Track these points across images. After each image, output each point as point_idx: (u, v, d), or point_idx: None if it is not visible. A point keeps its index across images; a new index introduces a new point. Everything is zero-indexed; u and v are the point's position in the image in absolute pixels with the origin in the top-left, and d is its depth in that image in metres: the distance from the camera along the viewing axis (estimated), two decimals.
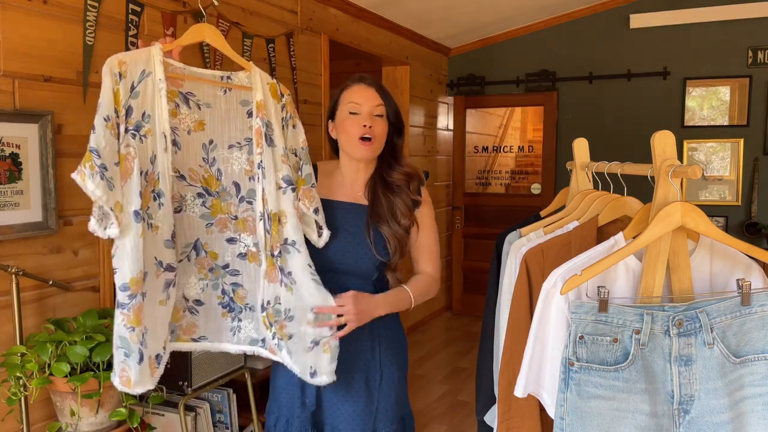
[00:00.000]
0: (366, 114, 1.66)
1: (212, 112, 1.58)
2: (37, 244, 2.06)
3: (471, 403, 3.64)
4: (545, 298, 1.26)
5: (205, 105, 1.58)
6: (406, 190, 1.71)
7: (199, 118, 1.57)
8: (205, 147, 1.59)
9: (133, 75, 1.45)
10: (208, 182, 1.60)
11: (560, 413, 1.21)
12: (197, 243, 1.60)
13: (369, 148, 1.66)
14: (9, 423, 1.91)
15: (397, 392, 1.75)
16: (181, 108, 1.54)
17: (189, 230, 1.59)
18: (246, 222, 1.62)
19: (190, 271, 1.60)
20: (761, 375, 1.20)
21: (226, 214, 1.62)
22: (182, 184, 1.57)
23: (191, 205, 1.59)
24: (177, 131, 1.54)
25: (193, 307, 1.61)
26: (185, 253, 1.59)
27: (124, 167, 1.42)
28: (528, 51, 5.24)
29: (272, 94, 1.62)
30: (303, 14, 3.52)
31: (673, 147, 1.26)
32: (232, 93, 1.60)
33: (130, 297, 1.41)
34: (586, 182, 1.83)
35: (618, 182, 1.59)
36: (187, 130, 1.56)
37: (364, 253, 1.66)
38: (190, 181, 1.58)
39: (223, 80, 1.60)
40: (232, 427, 2.54)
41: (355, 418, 1.68)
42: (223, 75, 1.60)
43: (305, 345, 1.56)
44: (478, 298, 5.51)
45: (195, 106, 1.56)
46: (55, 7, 2.12)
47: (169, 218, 1.50)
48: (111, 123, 1.41)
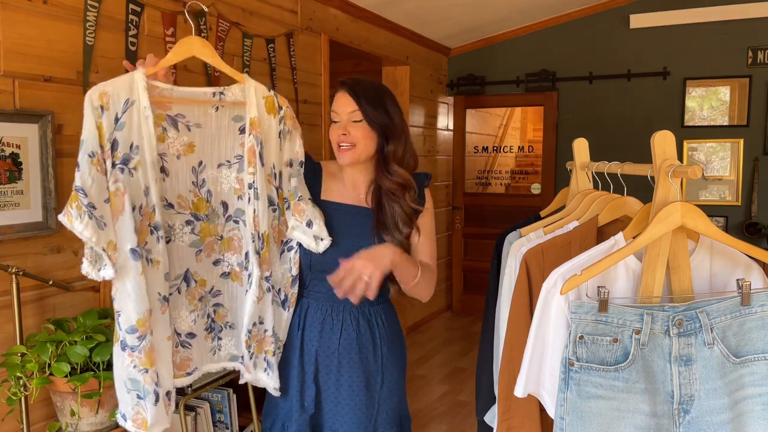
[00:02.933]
0: (344, 122, 1.63)
1: (202, 131, 1.51)
2: (37, 244, 2.06)
3: (471, 403, 3.64)
4: (545, 298, 1.26)
5: (194, 125, 1.50)
6: (403, 197, 1.67)
7: (188, 140, 1.50)
8: (195, 170, 1.52)
9: (116, 106, 1.37)
10: (197, 207, 1.54)
11: (560, 413, 1.21)
12: (187, 273, 1.54)
13: (346, 155, 1.63)
14: (9, 423, 1.91)
15: (397, 395, 1.74)
16: (169, 132, 1.46)
17: (178, 261, 1.52)
18: (231, 241, 1.58)
19: (181, 304, 1.53)
20: (761, 375, 1.20)
21: (213, 236, 1.56)
22: (170, 212, 1.50)
23: (180, 234, 1.52)
24: (165, 157, 1.47)
25: (185, 341, 1.56)
26: (175, 285, 1.52)
27: (114, 204, 1.35)
28: (528, 51, 5.24)
29: (268, 108, 1.55)
30: (303, 14, 3.52)
31: (673, 147, 1.26)
32: (224, 109, 1.53)
33: (139, 339, 1.36)
34: (586, 182, 1.83)
35: (618, 182, 1.59)
36: (176, 154, 1.49)
37: None
38: (178, 209, 1.51)
39: (215, 97, 1.52)
40: (232, 427, 2.54)
41: (355, 421, 1.67)
42: (215, 91, 1.52)
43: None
44: (478, 298, 5.51)
45: (184, 128, 1.49)
46: (55, 7, 2.11)
47: (165, 251, 1.45)
48: (96, 159, 1.34)
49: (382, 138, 1.65)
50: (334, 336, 1.66)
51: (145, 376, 1.39)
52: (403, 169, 1.67)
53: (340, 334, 1.66)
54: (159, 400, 1.42)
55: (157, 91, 1.44)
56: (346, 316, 1.67)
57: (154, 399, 1.40)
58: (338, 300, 1.65)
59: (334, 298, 1.66)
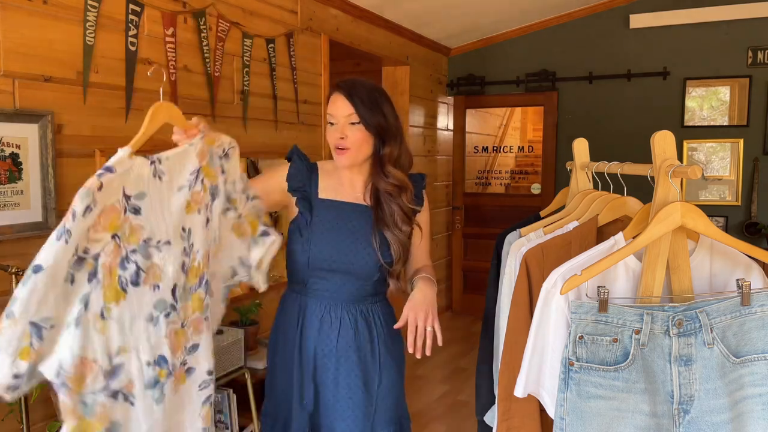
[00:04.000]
0: (340, 125, 1.63)
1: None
2: (37, 244, 2.04)
3: (471, 403, 3.64)
4: (545, 298, 1.26)
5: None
6: (400, 198, 1.68)
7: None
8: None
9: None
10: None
11: (560, 413, 1.21)
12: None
13: (343, 157, 1.64)
14: (9, 423, 1.91)
15: (395, 394, 1.74)
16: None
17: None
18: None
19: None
20: (761, 375, 1.20)
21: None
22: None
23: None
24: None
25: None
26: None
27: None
28: (528, 51, 5.24)
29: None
30: (303, 14, 3.52)
31: (673, 147, 1.26)
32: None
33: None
34: (586, 182, 1.84)
35: (618, 182, 1.59)
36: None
37: (366, 253, 1.65)
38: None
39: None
40: (232, 427, 2.54)
41: (353, 419, 1.67)
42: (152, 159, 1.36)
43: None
44: (478, 298, 5.51)
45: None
46: (55, 7, 2.12)
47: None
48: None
49: (378, 139, 1.66)
50: (332, 335, 1.66)
51: None
52: (399, 171, 1.68)
53: (338, 333, 1.66)
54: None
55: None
56: (345, 314, 1.67)
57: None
58: (337, 298, 1.66)
59: (332, 296, 1.66)
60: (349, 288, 1.67)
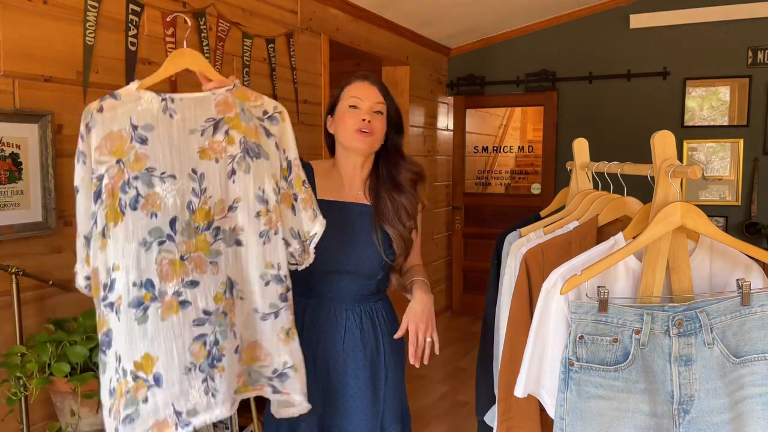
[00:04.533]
0: (366, 109, 1.66)
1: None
2: (37, 244, 2.06)
3: (471, 403, 3.64)
4: (545, 298, 1.26)
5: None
6: (412, 190, 1.72)
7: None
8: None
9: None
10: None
11: (560, 413, 1.21)
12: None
13: (366, 141, 1.66)
14: (9, 423, 1.91)
15: (400, 390, 1.76)
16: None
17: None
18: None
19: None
20: (761, 375, 1.20)
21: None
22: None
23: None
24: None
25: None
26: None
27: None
28: (528, 51, 5.24)
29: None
30: (303, 14, 3.52)
31: (673, 147, 1.26)
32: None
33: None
34: (586, 182, 1.83)
35: (618, 182, 1.59)
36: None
37: (371, 252, 1.66)
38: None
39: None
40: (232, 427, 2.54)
41: (362, 418, 1.67)
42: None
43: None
44: (478, 298, 5.51)
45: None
46: (55, 7, 2.12)
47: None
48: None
49: (392, 131, 1.73)
50: (338, 335, 1.66)
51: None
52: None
53: (344, 333, 1.66)
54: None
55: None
56: (350, 314, 1.67)
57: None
58: (341, 299, 1.66)
59: (336, 297, 1.66)
60: (353, 288, 1.67)
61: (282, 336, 1.49)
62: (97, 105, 1.37)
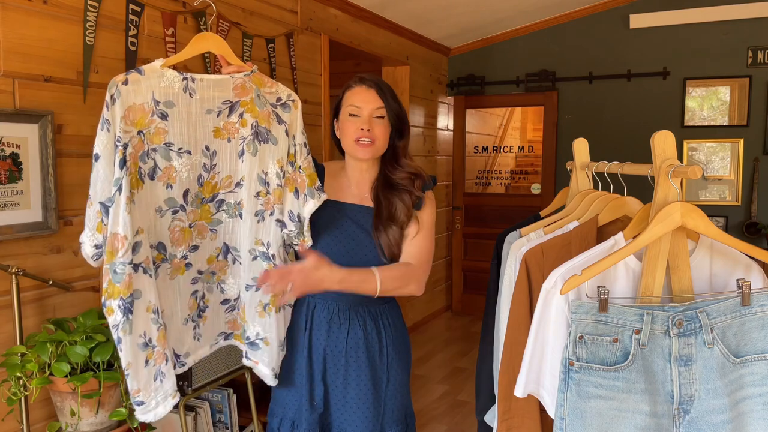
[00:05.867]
0: (366, 117, 1.64)
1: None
2: (37, 244, 2.06)
3: (471, 403, 3.64)
4: (545, 298, 1.26)
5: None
6: (410, 188, 1.68)
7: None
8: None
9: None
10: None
11: (560, 413, 1.21)
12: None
13: (367, 150, 1.65)
14: (9, 423, 1.91)
15: (402, 393, 1.75)
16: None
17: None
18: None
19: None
20: (761, 375, 1.20)
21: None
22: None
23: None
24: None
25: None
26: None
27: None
28: (528, 51, 5.24)
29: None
30: (303, 14, 3.52)
31: (673, 147, 1.26)
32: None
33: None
34: (586, 182, 1.83)
35: (618, 182, 1.59)
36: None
37: (372, 255, 1.65)
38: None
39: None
40: (232, 427, 2.54)
41: (363, 419, 1.67)
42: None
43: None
44: (478, 298, 5.51)
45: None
46: (55, 7, 2.11)
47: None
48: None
49: (395, 133, 1.70)
50: (341, 335, 1.67)
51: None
52: (411, 161, 1.74)
53: (347, 333, 1.66)
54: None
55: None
56: (353, 315, 1.67)
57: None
58: (345, 299, 1.66)
59: (340, 297, 1.66)
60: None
61: (258, 309, 1.65)
62: (122, 78, 1.44)
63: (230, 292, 1.69)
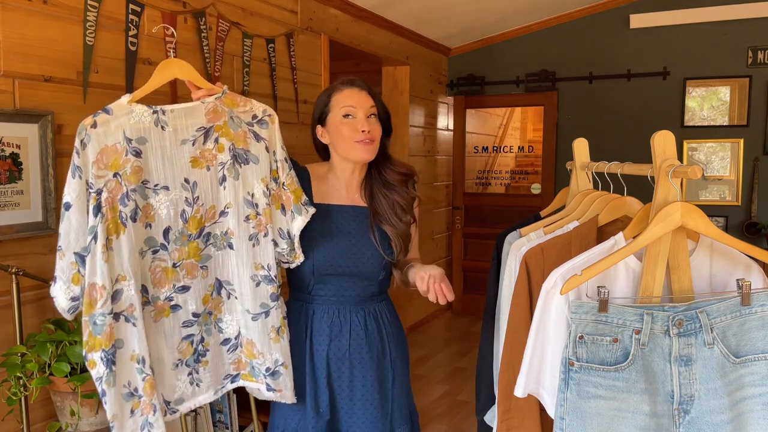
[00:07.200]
0: (362, 117, 1.65)
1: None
2: (37, 244, 2.06)
3: (471, 403, 3.64)
4: (545, 298, 1.26)
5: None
6: (404, 186, 1.72)
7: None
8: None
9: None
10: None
11: (560, 413, 1.21)
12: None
13: (370, 149, 1.65)
14: (9, 423, 1.91)
15: (407, 390, 1.76)
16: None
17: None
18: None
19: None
20: (761, 375, 1.20)
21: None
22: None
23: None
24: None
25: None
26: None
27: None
28: (528, 51, 5.24)
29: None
30: (303, 14, 3.52)
31: (673, 147, 1.26)
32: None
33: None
34: (586, 182, 1.83)
35: (618, 182, 1.59)
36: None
37: (370, 254, 1.65)
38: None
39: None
40: (232, 427, 2.54)
41: (372, 421, 1.66)
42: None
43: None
44: (478, 298, 5.51)
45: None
46: (55, 7, 2.11)
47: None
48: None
49: (384, 131, 1.72)
50: (343, 338, 1.65)
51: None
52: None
53: (349, 336, 1.65)
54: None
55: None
56: (354, 317, 1.67)
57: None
58: (344, 302, 1.66)
59: (339, 300, 1.66)
60: (356, 290, 1.66)
61: (273, 335, 1.57)
62: (91, 121, 1.39)
63: (229, 331, 1.59)
